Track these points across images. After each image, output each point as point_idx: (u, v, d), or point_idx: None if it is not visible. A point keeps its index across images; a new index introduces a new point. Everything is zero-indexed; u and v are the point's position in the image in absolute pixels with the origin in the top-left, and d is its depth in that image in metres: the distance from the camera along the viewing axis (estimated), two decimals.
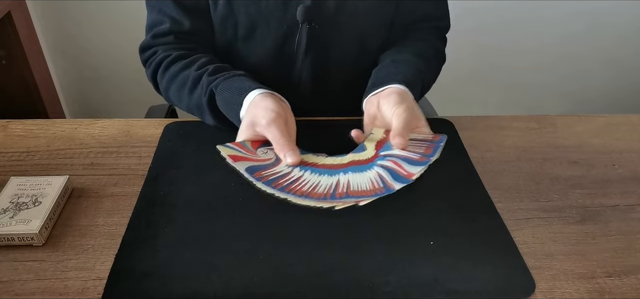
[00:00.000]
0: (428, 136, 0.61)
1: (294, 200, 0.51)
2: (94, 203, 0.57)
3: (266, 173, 0.55)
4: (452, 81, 0.77)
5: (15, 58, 1.35)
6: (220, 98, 0.64)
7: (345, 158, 0.60)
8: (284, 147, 0.57)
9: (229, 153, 0.56)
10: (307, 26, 0.71)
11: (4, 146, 0.66)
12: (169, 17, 0.71)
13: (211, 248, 0.51)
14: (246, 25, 0.72)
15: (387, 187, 0.53)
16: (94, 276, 0.48)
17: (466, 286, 0.48)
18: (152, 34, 0.73)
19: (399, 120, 0.59)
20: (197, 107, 0.68)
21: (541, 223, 0.57)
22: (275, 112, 0.59)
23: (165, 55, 0.71)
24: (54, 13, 1.53)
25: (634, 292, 0.50)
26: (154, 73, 0.72)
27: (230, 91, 0.63)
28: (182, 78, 0.68)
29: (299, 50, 0.74)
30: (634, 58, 1.79)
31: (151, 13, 0.74)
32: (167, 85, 0.70)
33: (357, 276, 0.49)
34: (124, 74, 1.67)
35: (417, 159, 0.56)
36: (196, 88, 0.67)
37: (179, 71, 0.69)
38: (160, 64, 0.71)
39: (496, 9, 1.62)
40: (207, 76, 0.66)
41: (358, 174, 0.56)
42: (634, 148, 0.72)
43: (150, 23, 0.74)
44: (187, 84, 0.67)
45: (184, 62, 0.69)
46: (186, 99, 0.68)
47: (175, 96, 0.70)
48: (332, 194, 0.53)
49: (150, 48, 0.73)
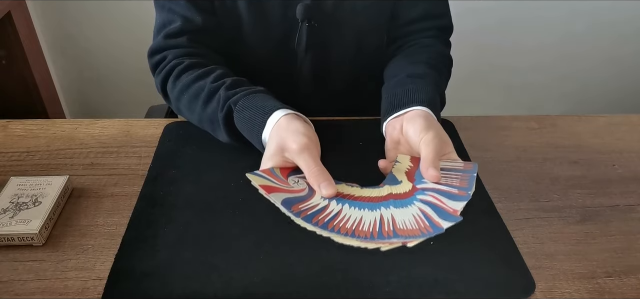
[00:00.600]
0: (458, 163, 0.57)
1: (338, 239, 0.47)
2: (94, 203, 0.57)
3: (304, 207, 0.51)
4: (452, 80, 0.77)
5: (15, 58, 1.36)
6: (240, 117, 0.59)
7: (382, 190, 0.56)
8: (318, 177, 0.53)
9: (260, 183, 0.52)
10: (307, 25, 0.71)
11: (4, 146, 0.66)
12: (180, 15, 0.69)
13: (211, 248, 0.51)
14: (247, 24, 0.72)
15: (435, 226, 0.49)
16: (94, 276, 0.48)
17: (466, 286, 0.48)
18: (164, 34, 0.69)
19: (428, 149, 0.55)
20: (210, 122, 0.63)
21: (541, 223, 0.57)
22: (307, 137, 0.55)
23: (177, 62, 0.67)
24: (54, 13, 1.53)
25: (634, 292, 0.50)
26: (164, 81, 0.69)
27: (251, 110, 0.59)
28: (196, 89, 0.64)
29: (299, 49, 0.74)
30: (634, 58, 1.79)
31: (161, 13, 0.71)
32: (179, 95, 0.66)
33: (357, 276, 0.49)
34: (124, 74, 1.67)
35: (456, 193, 0.52)
36: (211, 101, 0.62)
37: (192, 81, 0.65)
38: (172, 71, 0.67)
39: (496, 9, 1.62)
40: (224, 89, 0.62)
41: (400, 210, 0.52)
42: (634, 148, 0.72)
43: (160, 23, 0.71)
44: (200, 95, 0.63)
45: (199, 72, 0.65)
46: (199, 111, 0.64)
47: (186, 107, 0.66)
48: (379, 232, 0.49)
49: (161, 51, 0.70)
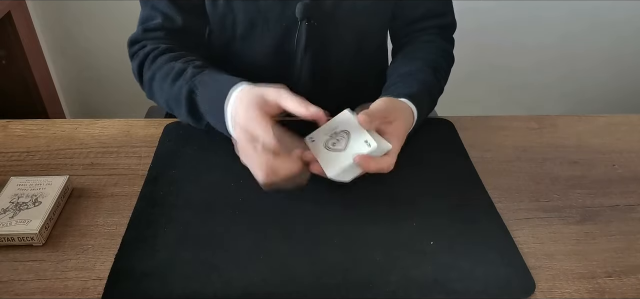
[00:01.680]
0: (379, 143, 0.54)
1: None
2: (94, 203, 0.57)
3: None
4: (452, 80, 0.77)
5: (15, 58, 1.36)
6: (204, 91, 0.60)
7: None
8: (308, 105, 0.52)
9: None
10: (307, 24, 0.71)
11: (4, 146, 0.66)
12: (161, 13, 0.70)
13: (211, 248, 0.51)
14: (245, 24, 0.72)
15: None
16: (94, 276, 0.48)
17: (466, 286, 0.48)
18: (143, 28, 0.72)
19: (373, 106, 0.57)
20: (176, 100, 0.64)
21: (541, 223, 0.57)
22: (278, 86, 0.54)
23: (154, 47, 0.69)
24: (54, 13, 1.53)
25: (634, 292, 0.50)
26: (140, 65, 0.70)
27: (217, 83, 0.60)
28: (167, 68, 0.66)
29: (299, 48, 0.74)
30: (634, 58, 1.79)
31: (144, 9, 0.73)
32: (152, 75, 0.68)
33: (357, 276, 0.49)
34: (124, 74, 1.66)
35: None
36: (178, 79, 0.63)
37: (165, 62, 0.66)
38: (148, 55, 0.69)
39: (496, 9, 1.62)
40: (193, 68, 0.63)
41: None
42: (634, 148, 0.72)
43: (142, 18, 0.73)
44: (170, 74, 0.64)
45: (173, 54, 0.68)
46: (167, 88, 0.64)
47: (158, 86, 0.67)
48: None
49: (139, 41, 0.72)
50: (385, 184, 0.60)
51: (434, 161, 0.66)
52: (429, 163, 0.65)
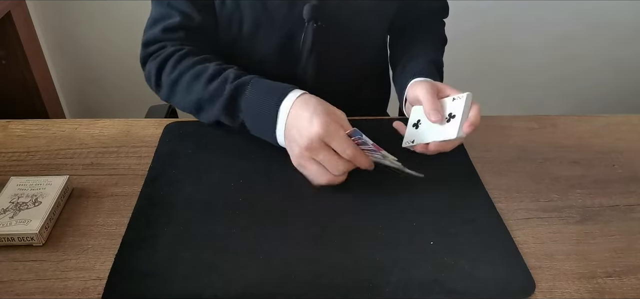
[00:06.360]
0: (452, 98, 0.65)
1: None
2: (94, 203, 0.57)
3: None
4: (452, 80, 0.77)
5: (15, 58, 1.35)
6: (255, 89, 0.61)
7: None
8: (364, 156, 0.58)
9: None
10: (314, 25, 0.71)
11: (4, 146, 0.66)
12: (179, 11, 0.69)
13: (211, 248, 0.51)
14: (251, 23, 0.72)
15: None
16: (94, 276, 0.48)
17: (466, 286, 0.48)
18: (162, 28, 0.70)
19: (425, 95, 0.62)
20: (210, 99, 0.64)
21: (541, 223, 0.57)
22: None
23: (178, 49, 0.68)
24: (54, 13, 1.53)
25: (634, 292, 0.50)
26: (161, 66, 0.69)
27: (267, 84, 0.62)
28: (199, 69, 0.65)
29: (304, 49, 0.74)
30: (634, 58, 1.79)
31: (158, 7, 0.71)
32: (178, 77, 0.67)
33: (357, 276, 0.49)
34: (124, 74, 1.66)
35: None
36: (215, 79, 0.64)
37: (195, 63, 0.66)
38: (171, 56, 0.68)
39: (496, 9, 1.62)
40: (234, 70, 0.64)
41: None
42: (634, 148, 0.72)
43: (156, 16, 0.71)
44: (203, 75, 0.65)
45: (202, 56, 0.67)
46: (200, 89, 0.64)
47: (184, 88, 0.66)
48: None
49: (159, 42, 0.70)
50: (385, 185, 0.60)
51: (434, 160, 0.66)
52: (429, 163, 0.65)
